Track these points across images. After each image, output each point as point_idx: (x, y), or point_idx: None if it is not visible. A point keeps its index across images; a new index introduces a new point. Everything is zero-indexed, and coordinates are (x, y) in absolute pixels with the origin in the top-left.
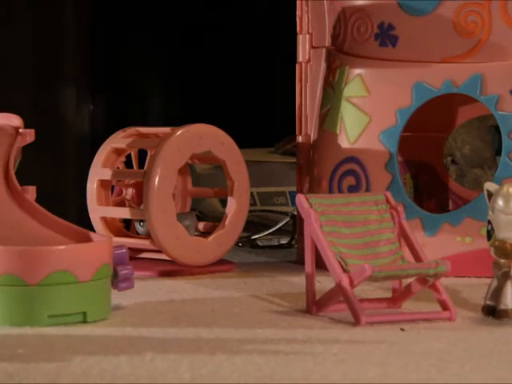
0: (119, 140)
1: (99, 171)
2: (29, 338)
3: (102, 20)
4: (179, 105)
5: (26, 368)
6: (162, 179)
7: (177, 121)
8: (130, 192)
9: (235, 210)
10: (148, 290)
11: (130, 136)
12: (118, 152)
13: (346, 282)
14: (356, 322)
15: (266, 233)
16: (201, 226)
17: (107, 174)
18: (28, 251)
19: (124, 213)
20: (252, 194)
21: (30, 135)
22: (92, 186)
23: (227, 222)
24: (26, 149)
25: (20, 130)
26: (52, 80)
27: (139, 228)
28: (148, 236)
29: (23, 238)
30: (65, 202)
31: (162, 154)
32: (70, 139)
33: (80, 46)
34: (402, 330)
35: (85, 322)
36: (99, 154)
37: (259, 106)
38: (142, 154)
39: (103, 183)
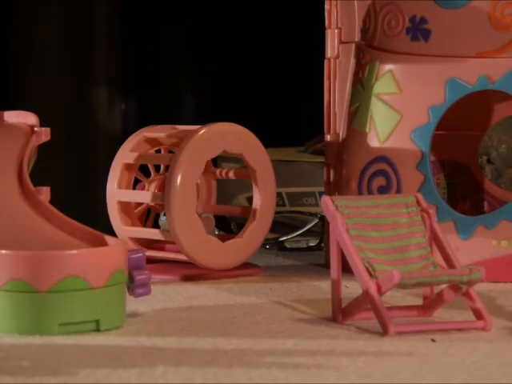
0: (156, 130)
1: (126, 154)
2: (36, 348)
3: (134, 19)
4: (211, 104)
5: (28, 382)
6: (188, 168)
7: (209, 120)
8: (153, 187)
9: (257, 221)
10: (167, 295)
11: (167, 130)
12: (151, 142)
13: (373, 290)
14: (384, 331)
15: (294, 234)
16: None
17: (133, 158)
18: (37, 256)
19: (144, 196)
20: (281, 194)
21: (45, 134)
22: (115, 169)
23: (246, 232)
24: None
25: (35, 129)
26: (84, 79)
27: (161, 221)
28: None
29: (35, 241)
30: (95, 203)
31: (189, 145)
32: (101, 139)
33: (112, 45)
34: (433, 340)
35: (98, 330)
36: (130, 139)
37: (290, 104)
38: None
39: (128, 167)
